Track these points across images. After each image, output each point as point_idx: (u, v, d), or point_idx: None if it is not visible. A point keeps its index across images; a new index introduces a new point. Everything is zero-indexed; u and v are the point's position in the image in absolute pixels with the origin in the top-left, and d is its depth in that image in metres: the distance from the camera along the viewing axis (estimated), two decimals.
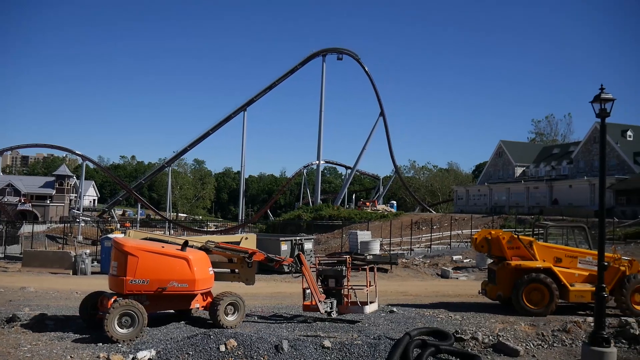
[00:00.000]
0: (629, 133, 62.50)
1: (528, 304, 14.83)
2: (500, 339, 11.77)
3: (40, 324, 11.99)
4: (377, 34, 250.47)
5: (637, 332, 12.01)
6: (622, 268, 15.33)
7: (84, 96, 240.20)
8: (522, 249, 15.58)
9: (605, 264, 11.10)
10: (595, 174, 55.64)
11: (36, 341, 10.48)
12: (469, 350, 11.08)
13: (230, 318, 12.16)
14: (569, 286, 15.13)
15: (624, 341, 12.01)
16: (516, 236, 16.05)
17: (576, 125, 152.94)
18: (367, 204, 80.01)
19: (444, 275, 28.97)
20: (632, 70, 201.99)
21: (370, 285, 13.86)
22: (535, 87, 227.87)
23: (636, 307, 14.98)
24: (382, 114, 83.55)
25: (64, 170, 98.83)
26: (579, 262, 15.74)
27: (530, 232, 32.95)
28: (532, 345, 11.86)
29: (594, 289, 11.60)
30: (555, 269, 15.30)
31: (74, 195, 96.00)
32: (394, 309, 15.25)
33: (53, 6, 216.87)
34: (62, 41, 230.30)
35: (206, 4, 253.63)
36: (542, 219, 42.42)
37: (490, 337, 11.87)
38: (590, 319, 13.32)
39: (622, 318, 13.24)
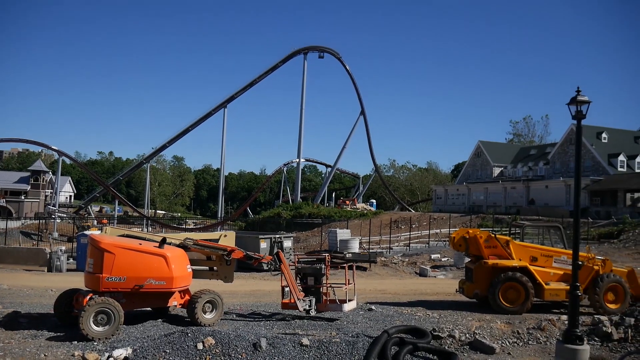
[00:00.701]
0: (604, 135, 63.77)
1: (504, 302, 15.02)
2: (477, 336, 11.91)
3: (14, 321, 11.77)
4: (358, 33, 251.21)
5: (610, 330, 12.25)
6: (596, 267, 15.61)
7: (61, 91, 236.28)
8: (499, 248, 15.77)
9: (580, 263, 11.32)
10: (571, 175, 56.67)
11: (9, 339, 10.28)
12: (446, 347, 11.19)
13: (208, 316, 12.09)
14: (544, 285, 15.36)
15: (597, 339, 12.25)
16: (493, 235, 16.24)
17: (553, 127, 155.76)
18: (347, 202, 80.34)
19: (422, 273, 29.17)
20: (608, 74, 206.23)
21: (349, 284, 13.90)
22: (514, 88, 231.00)
23: (609, 305, 15.27)
24: (362, 112, 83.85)
25: (39, 165, 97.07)
26: (554, 261, 15.99)
27: (507, 232, 33.40)
28: (507, 343, 12.03)
29: (568, 287, 11.81)
30: (531, 267, 15.52)
31: (50, 191, 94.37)
32: (373, 307, 15.32)
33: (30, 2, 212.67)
34: (38, 36, 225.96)
35: (187, 1, 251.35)
36: (518, 219, 43.07)
37: (467, 335, 12.00)
38: (564, 317, 13.56)
39: (595, 316, 13.51)
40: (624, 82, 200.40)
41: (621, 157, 59.99)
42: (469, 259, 17.20)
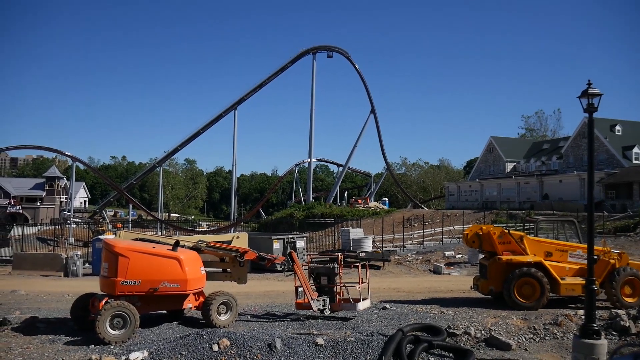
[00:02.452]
0: (617, 127, 62.99)
1: (519, 298, 14.90)
2: (493, 333, 11.84)
3: (32, 327, 11.91)
4: (366, 31, 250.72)
5: (627, 324, 12.12)
6: (612, 261, 15.43)
7: (73, 97, 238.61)
8: (513, 243, 15.64)
9: (595, 257, 11.20)
10: (585, 168, 56.00)
11: (27, 344, 10.41)
12: (462, 345, 11.14)
13: (223, 317, 12.13)
14: (559, 280, 15.22)
15: (615, 333, 12.13)
16: (507, 231, 16.11)
17: (565, 121, 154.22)
18: (359, 201, 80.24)
19: (436, 271, 29.08)
20: (620, 65, 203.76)
21: (362, 282, 13.89)
22: (525, 82, 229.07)
23: (626, 299, 15.09)
24: (372, 111, 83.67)
25: (53, 171, 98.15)
26: (570, 256, 15.82)
27: (521, 227, 33.16)
28: (524, 339, 11.94)
29: (584, 282, 11.70)
30: (546, 263, 15.37)
31: (65, 196, 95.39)
32: (387, 306, 15.29)
33: (36, 5, 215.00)
34: (49, 42, 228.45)
35: (195, 4, 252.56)
36: (532, 214, 42.72)
37: (483, 332, 11.93)
38: (581, 311, 13.42)
39: (613, 310, 13.37)
40: (637, 74, 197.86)
41: (636, 149, 59.22)
42: (483, 256, 17.09)
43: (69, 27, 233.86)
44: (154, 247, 11.73)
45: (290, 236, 31.54)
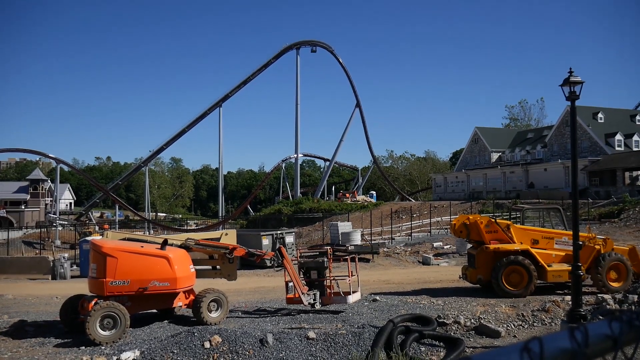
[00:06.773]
0: (600, 115, 63.66)
1: (507, 286, 15.07)
2: (482, 321, 11.97)
3: (20, 330, 11.82)
4: (349, 23, 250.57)
5: (613, 308, 12.32)
6: (597, 247, 15.65)
7: (56, 98, 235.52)
8: (500, 232, 15.79)
9: (581, 243, 11.36)
10: (569, 156, 56.52)
11: (17, 348, 10.33)
12: (452, 334, 11.25)
13: (214, 315, 12.14)
14: (546, 267, 15.41)
15: (601, 317, 12.31)
16: (494, 220, 16.27)
17: (549, 110, 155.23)
18: (347, 195, 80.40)
19: (425, 262, 29.24)
20: (602, 53, 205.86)
21: (352, 276, 13.95)
22: (508, 72, 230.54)
23: (612, 284, 15.33)
24: (358, 104, 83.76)
25: (37, 174, 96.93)
26: (556, 243, 16.03)
27: (508, 216, 33.49)
28: (513, 326, 12.09)
29: (570, 268, 11.87)
30: (533, 250, 15.56)
31: (50, 199, 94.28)
32: (377, 298, 15.38)
33: (16, 8, 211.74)
34: (30, 46, 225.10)
35: (178, 2, 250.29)
36: (518, 203, 43.15)
37: (472, 320, 12.06)
38: (568, 297, 13.62)
39: (599, 295, 13.59)
40: (618, 62, 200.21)
41: (618, 137, 59.94)
42: (471, 245, 17.24)
43: (50, 29, 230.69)
44: (142, 247, 11.70)
45: (279, 232, 31.52)
